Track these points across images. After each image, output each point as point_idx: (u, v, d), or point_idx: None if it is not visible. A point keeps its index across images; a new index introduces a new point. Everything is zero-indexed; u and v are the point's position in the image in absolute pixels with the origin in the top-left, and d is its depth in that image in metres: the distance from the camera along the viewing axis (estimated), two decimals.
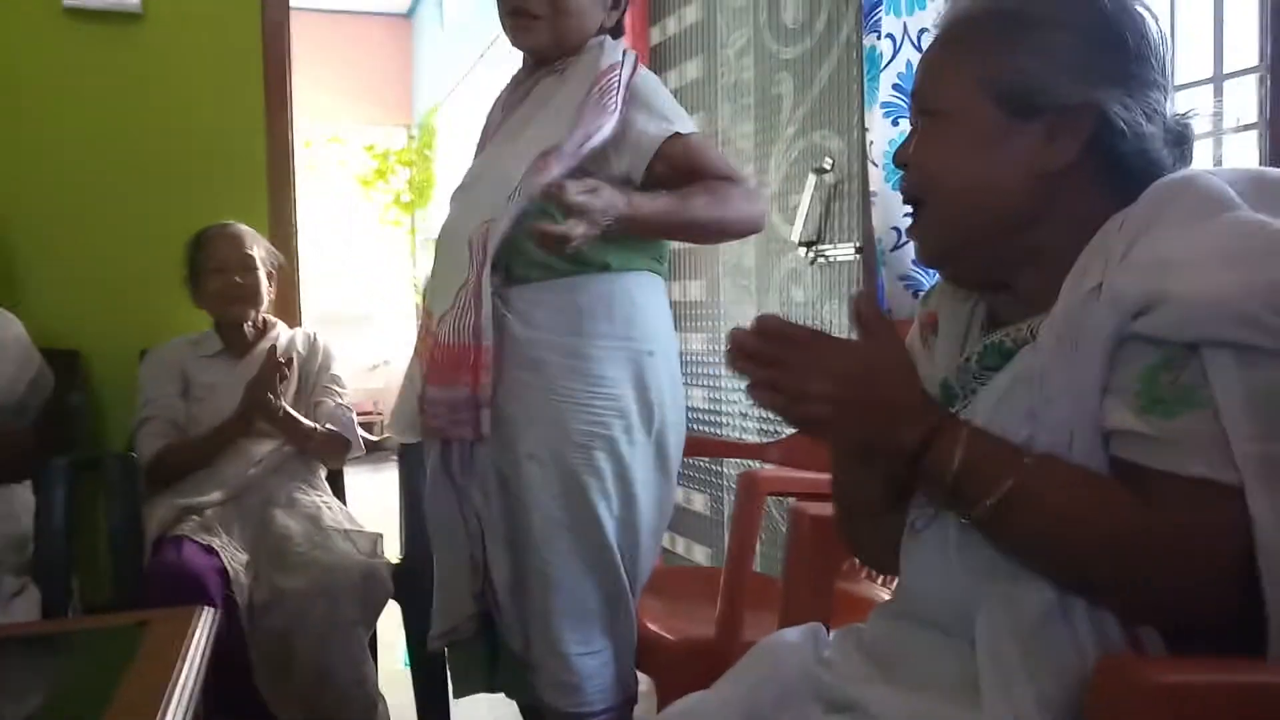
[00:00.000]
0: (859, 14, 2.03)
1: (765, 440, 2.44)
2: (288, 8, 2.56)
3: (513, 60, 1.70)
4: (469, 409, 1.45)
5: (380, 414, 6.75)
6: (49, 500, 1.92)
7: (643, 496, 1.52)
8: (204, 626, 1.29)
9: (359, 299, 7.39)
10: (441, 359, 1.46)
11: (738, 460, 2.60)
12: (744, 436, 2.65)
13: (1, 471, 1.95)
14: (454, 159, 6.54)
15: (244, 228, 2.26)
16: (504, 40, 1.60)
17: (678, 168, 1.47)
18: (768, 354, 0.82)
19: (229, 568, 1.82)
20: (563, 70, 1.55)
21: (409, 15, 7.57)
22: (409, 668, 2.04)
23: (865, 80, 1.90)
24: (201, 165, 2.48)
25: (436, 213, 7.07)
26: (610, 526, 1.49)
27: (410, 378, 1.59)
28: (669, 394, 1.54)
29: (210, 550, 1.85)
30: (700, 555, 2.92)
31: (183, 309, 2.28)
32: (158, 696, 1.04)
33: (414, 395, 1.53)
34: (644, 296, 1.54)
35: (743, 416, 2.66)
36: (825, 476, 1.02)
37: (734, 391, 2.71)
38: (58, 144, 2.37)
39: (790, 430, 1.98)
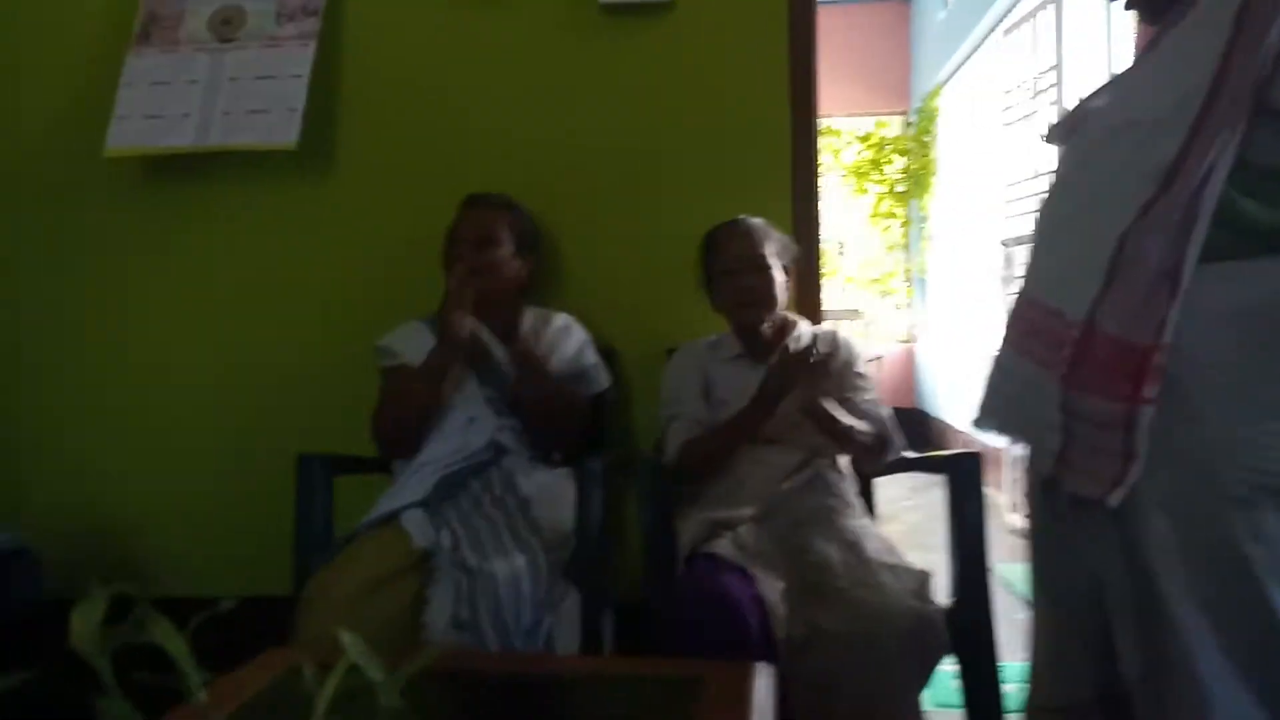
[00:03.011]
0: None
1: None
2: None
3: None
4: (1118, 429, 1.07)
5: None
6: (588, 499, 1.89)
7: None
8: (765, 686, 1.07)
9: (849, 294, 7.22)
10: (1099, 357, 1.09)
11: None
12: None
13: (562, 427, 2.04)
14: (957, 143, 6.05)
15: (755, 222, 2.08)
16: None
17: None
18: None
19: (766, 597, 1.63)
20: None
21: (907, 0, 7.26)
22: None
23: None
24: (726, 158, 2.35)
25: (935, 202, 6.64)
26: None
27: (1004, 367, 1.26)
28: None
29: (746, 575, 1.67)
30: None
31: (706, 305, 2.17)
32: None
33: (1025, 391, 1.20)
34: None
35: None
36: None
37: None
38: (592, 142, 2.38)
39: None
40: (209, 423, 2.41)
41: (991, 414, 1.29)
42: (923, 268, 6.96)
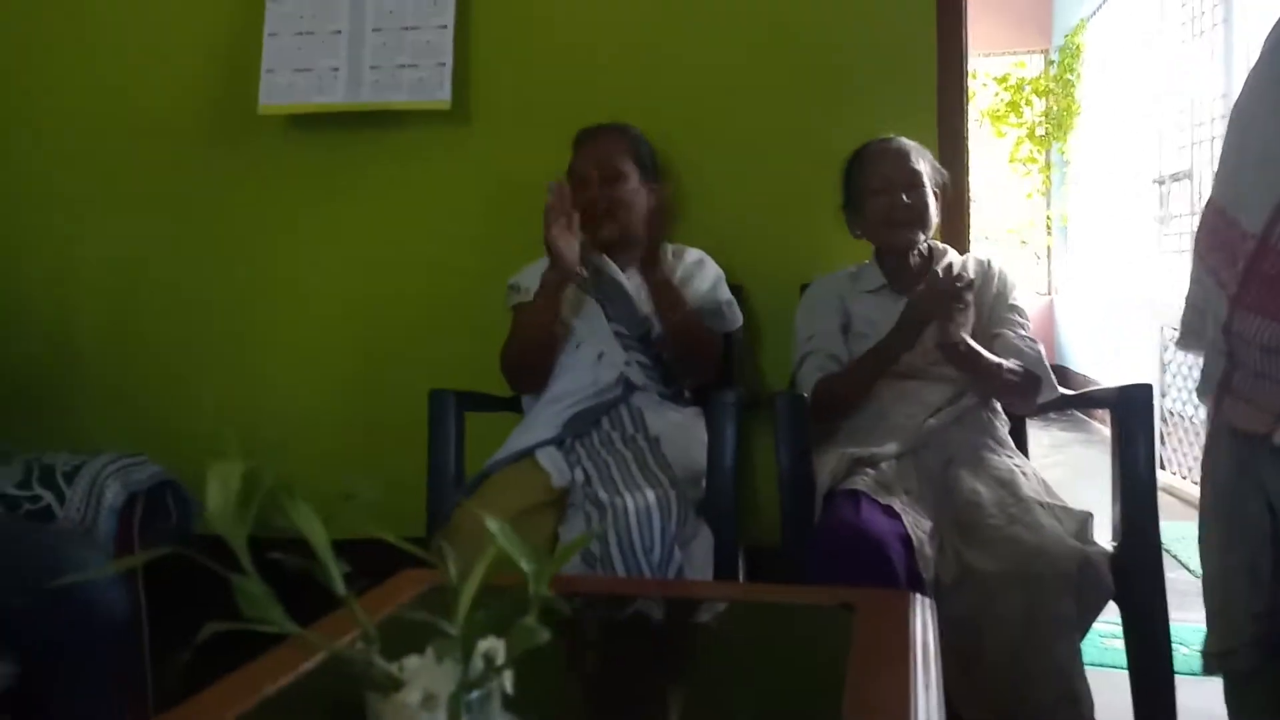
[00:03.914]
0: None
1: None
2: None
3: None
4: None
5: None
6: (719, 437, 1.83)
7: None
8: (925, 619, 1.00)
9: (984, 242, 6.93)
10: (1269, 274, 0.98)
11: None
12: None
13: (700, 360, 2.00)
14: (1103, 82, 5.67)
15: (908, 141, 1.97)
16: None
17: None
18: None
19: (913, 535, 1.54)
20: None
21: None
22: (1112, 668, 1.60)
23: None
24: (866, 79, 2.23)
25: (1078, 145, 6.25)
26: None
27: (1193, 279, 1.15)
28: None
29: (890, 512, 1.58)
30: None
31: (841, 239, 2.07)
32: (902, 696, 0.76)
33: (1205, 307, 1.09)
34: None
35: None
36: None
37: None
38: (724, 71, 2.28)
39: None
40: (347, 360, 2.45)
41: (1190, 333, 1.19)
42: (1064, 215, 6.59)
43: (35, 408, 2.53)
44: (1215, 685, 1.34)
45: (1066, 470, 3.95)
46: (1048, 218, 6.82)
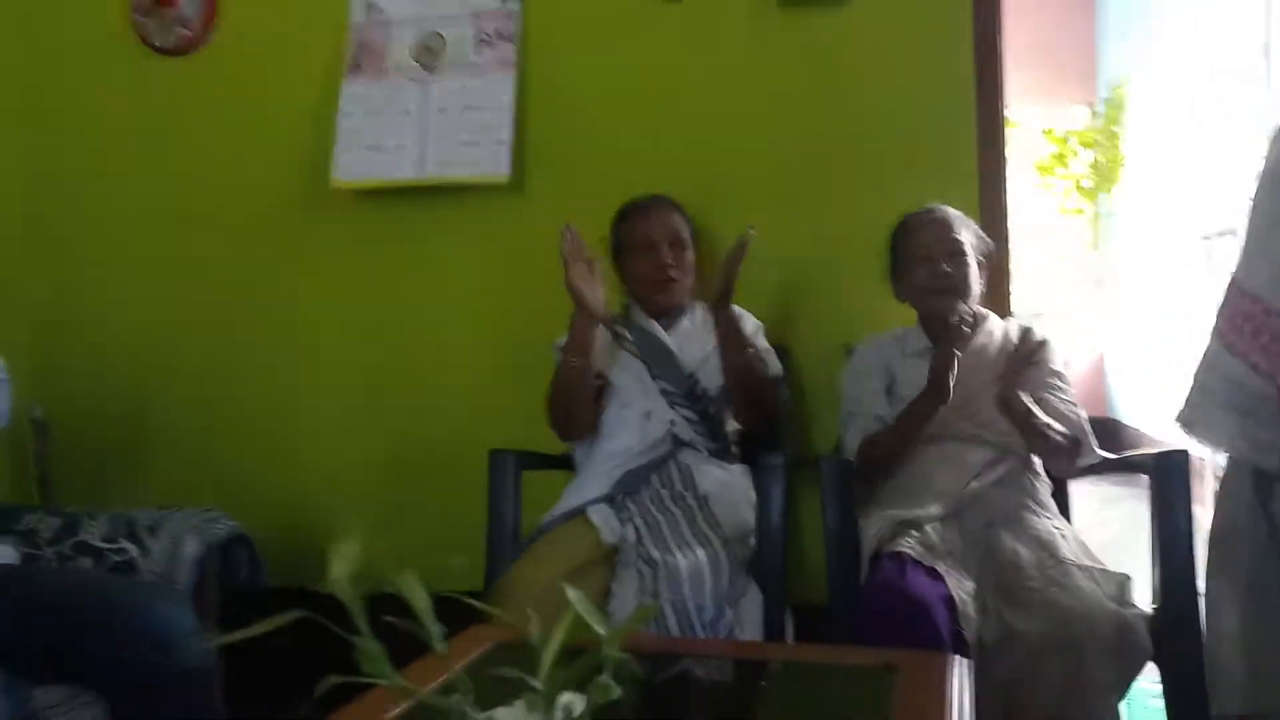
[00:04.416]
0: None
1: None
2: None
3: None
4: None
5: None
6: (767, 499, 1.91)
7: None
8: (961, 680, 1.06)
9: (1033, 295, 6.90)
10: None
11: None
12: None
13: (760, 404, 2.08)
14: (1148, 134, 5.70)
15: (952, 211, 2.04)
16: None
17: None
18: None
19: (956, 597, 1.59)
20: None
21: None
22: None
23: None
24: (907, 149, 2.30)
25: (1125, 196, 6.26)
26: None
27: (1214, 363, 1.20)
28: None
29: (934, 574, 1.64)
30: None
31: (885, 301, 2.14)
32: None
33: (1237, 393, 1.13)
34: None
35: None
36: None
37: None
38: (768, 137, 2.37)
39: None
40: (401, 420, 2.57)
41: (1199, 418, 1.22)
42: (1113, 266, 6.58)
43: (111, 466, 2.68)
44: None
45: (1116, 529, 3.93)
46: (1095, 268, 6.81)
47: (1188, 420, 1.25)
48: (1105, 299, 6.79)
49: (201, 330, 2.68)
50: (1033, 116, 6.82)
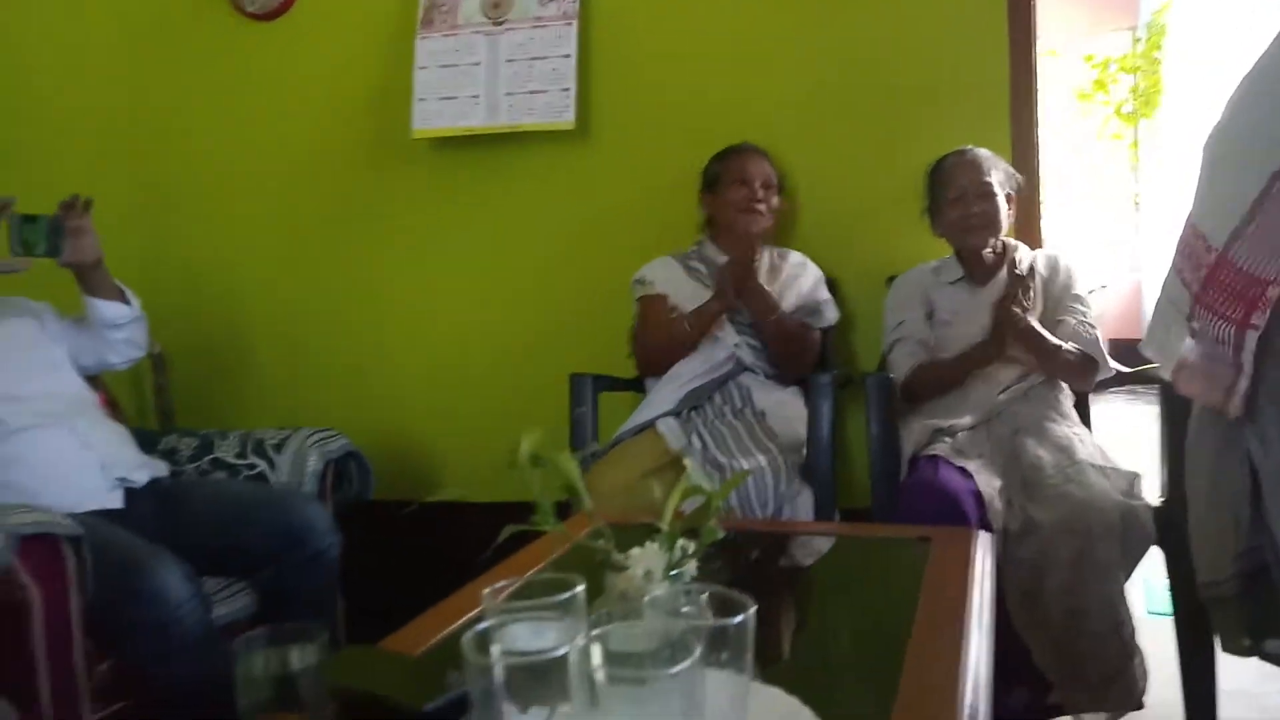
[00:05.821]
0: None
1: None
2: None
3: None
4: (1228, 346, 1.23)
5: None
6: (817, 411, 2.15)
7: None
8: (984, 550, 1.31)
9: (1072, 221, 7.00)
10: (1224, 282, 1.25)
11: None
12: None
13: (797, 361, 2.29)
14: (1188, 61, 5.74)
15: (982, 152, 2.23)
16: None
17: None
18: None
19: (984, 492, 1.84)
20: None
21: None
22: (1170, 615, 1.88)
23: None
24: (943, 90, 2.48)
25: (1165, 123, 6.31)
26: None
27: (1172, 300, 1.40)
28: None
29: (965, 473, 1.88)
30: None
31: (922, 236, 2.34)
32: (958, 614, 1.07)
33: (1177, 322, 1.34)
34: None
35: None
36: None
37: None
38: (815, 85, 2.56)
39: None
40: (492, 350, 2.83)
41: (1153, 340, 1.41)
42: (1151, 191, 6.65)
43: (219, 395, 3.01)
44: None
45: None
46: (1135, 195, 6.88)
47: (1146, 343, 1.45)
48: (1144, 223, 6.86)
49: (295, 269, 2.96)
50: (1074, 43, 6.84)
